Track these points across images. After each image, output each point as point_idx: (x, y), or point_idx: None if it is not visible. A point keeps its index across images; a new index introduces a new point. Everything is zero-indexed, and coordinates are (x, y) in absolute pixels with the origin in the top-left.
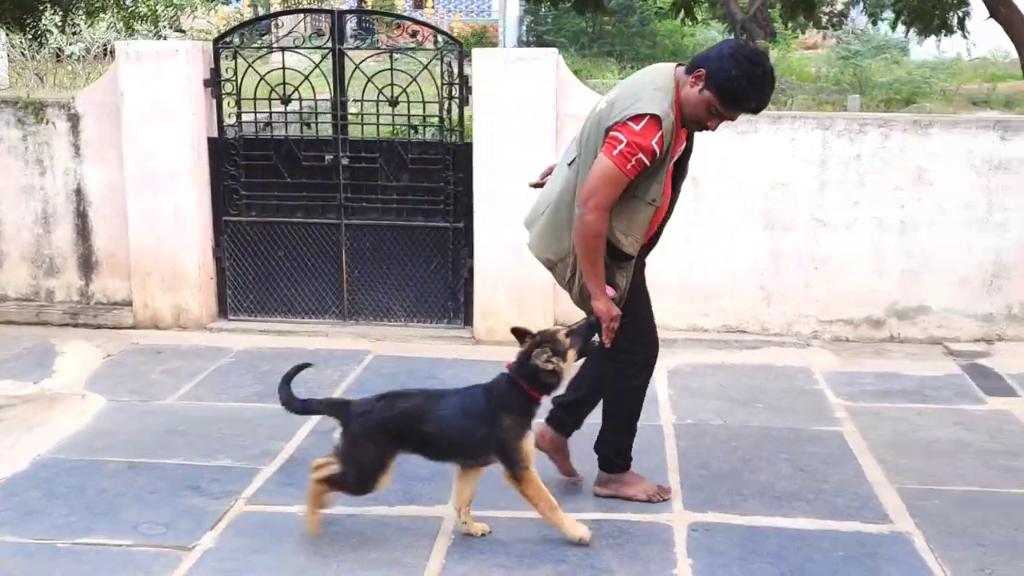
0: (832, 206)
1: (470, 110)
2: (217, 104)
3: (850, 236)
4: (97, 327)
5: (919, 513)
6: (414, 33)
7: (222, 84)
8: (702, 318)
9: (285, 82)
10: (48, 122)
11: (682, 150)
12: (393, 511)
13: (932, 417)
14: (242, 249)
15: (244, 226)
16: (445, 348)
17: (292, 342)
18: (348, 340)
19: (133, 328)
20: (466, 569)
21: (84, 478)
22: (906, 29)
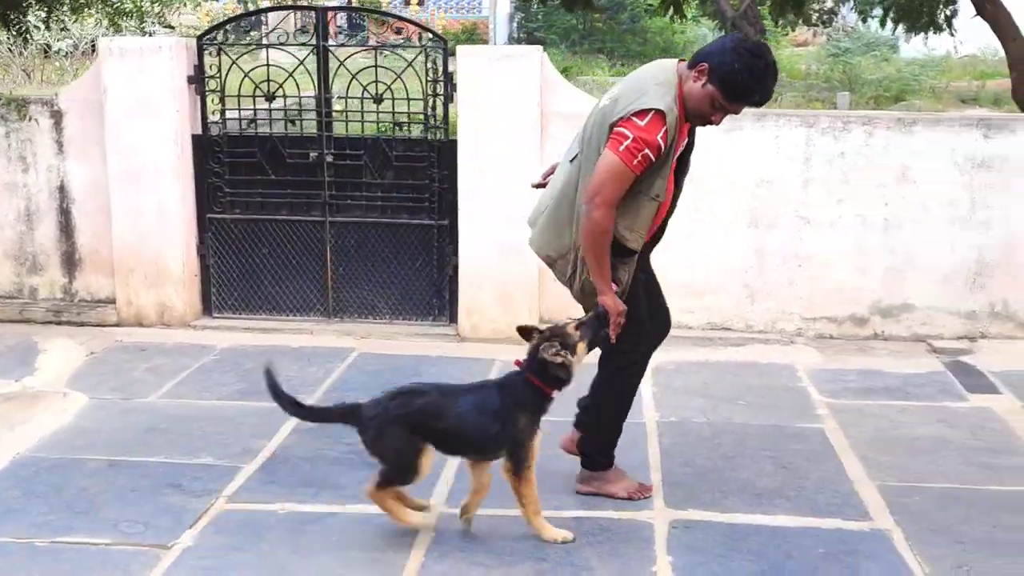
0: (816, 204)
1: (455, 107)
2: (201, 101)
3: (834, 234)
4: (81, 325)
5: (899, 510)
6: (399, 30)
7: (206, 81)
8: (687, 315)
9: (269, 79)
10: (31, 119)
11: (684, 145)
12: (374, 509)
13: (914, 414)
14: (226, 246)
15: (228, 223)
16: (430, 345)
17: (277, 340)
18: (333, 338)
19: (117, 326)
20: (445, 567)
21: (64, 476)
22: (894, 26)
